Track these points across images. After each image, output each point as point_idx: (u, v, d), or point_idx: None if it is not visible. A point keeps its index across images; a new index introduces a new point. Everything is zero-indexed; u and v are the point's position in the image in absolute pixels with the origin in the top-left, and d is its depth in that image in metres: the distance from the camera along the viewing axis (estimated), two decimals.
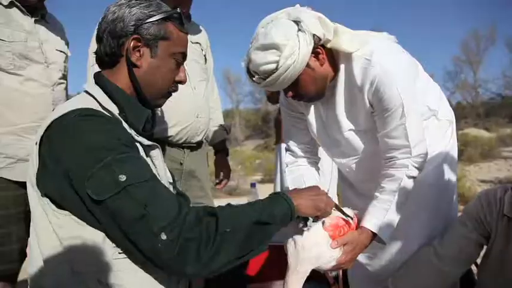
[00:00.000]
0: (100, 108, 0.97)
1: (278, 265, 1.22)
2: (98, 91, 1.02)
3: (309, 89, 1.32)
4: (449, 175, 1.54)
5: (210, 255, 0.88)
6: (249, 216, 0.94)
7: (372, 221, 1.28)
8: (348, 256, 1.22)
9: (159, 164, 1.06)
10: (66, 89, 1.83)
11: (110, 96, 1.01)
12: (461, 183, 7.36)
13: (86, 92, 1.03)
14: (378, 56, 1.28)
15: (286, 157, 1.64)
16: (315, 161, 1.63)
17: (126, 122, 1.00)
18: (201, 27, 2.06)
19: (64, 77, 1.81)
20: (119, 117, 0.99)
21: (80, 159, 0.87)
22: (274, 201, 1.00)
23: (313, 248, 1.15)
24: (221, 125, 2.25)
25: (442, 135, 1.54)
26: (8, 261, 1.61)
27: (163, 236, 0.84)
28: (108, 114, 0.97)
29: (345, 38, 1.29)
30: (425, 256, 1.43)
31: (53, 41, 1.75)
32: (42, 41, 1.68)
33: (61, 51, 1.79)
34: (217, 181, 2.27)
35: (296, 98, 1.36)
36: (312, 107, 1.49)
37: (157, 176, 1.02)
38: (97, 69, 1.11)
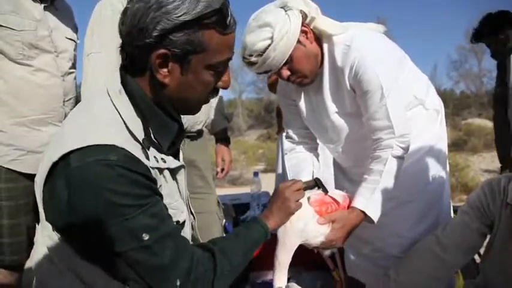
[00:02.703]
0: (126, 133, 0.86)
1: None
2: (124, 106, 0.88)
3: (303, 65, 1.38)
4: (439, 163, 1.57)
5: None
6: (240, 249, 1.00)
7: (361, 201, 1.33)
8: (338, 233, 1.27)
9: (181, 181, 1.02)
10: (75, 78, 1.80)
11: (135, 106, 0.89)
12: (465, 173, 7.35)
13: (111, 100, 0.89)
14: (357, 42, 1.36)
15: (285, 144, 1.72)
16: (313, 147, 1.68)
17: (151, 142, 0.89)
18: None
19: (73, 65, 1.77)
20: (143, 144, 0.87)
21: (101, 215, 0.80)
22: (253, 228, 1.07)
23: (299, 222, 1.19)
24: (222, 113, 2.23)
25: (431, 124, 1.59)
26: (17, 252, 1.61)
27: (178, 282, 0.87)
28: (132, 145, 0.85)
29: (326, 21, 1.39)
30: (427, 245, 1.42)
31: (62, 28, 1.70)
32: (51, 29, 1.64)
33: (70, 39, 1.75)
34: (217, 170, 2.26)
35: (292, 77, 1.41)
36: (303, 94, 1.55)
37: (179, 193, 1.01)
38: (92, 58, 1.06)
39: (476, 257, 1.60)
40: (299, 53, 1.35)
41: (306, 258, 1.43)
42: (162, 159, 0.91)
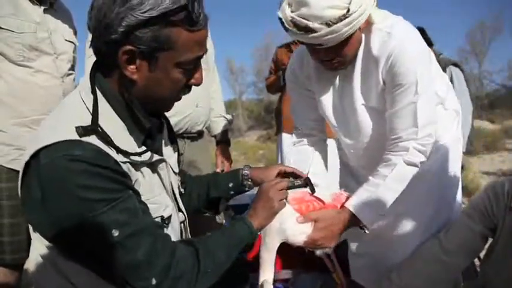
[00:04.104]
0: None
1: (280, 254, 1.21)
2: (94, 102, 0.88)
3: (352, 49, 1.29)
4: (454, 165, 1.53)
5: None
6: (224, 247, 0.98)
7: (355, 202, 1.26)
8: (322, 233, 1.20)
9: (164, 175, 1.01)
10: (75, 79, 1.82)
11: (106, 102, 0.89)
12: (464, 174, 7.32)
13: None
14: (398, 30, 1.27)
15: (292, 136, 1.62)
16: (320, 139, 1.61)
17: (122, 137, 0.89)
18: None
19: (72, 67, 1.80)
20: (112, 140, 0.85)
21: (70, 210, 0.80)
22: (238, 227, 1.05)
23: (277, 220, 1.15)
24: (223, 115, 2.23)
25: (449, 125, 1.52)
26: (17, 251, 1.63)
27: (153, 281, 0.85)
28: (101, 140, 0.84)
29: (375, 10, 1.28)
30: (430, 248, 1.41)
31: (61, 30, 1.73)
32: (51, 31, 1.66)
33: (70, 41, 1.77)
34: (217, 171, 2.26)
35: (335, 59, 1.29)
36: (325, 83, 1.45)
37: (163, 187, 1.00)
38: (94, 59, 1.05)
39: (475, 260, 1.59)
40: (355, 35, 1.25)
41: (305, 260, 1.42)
42: (136, 153, 0.90)
